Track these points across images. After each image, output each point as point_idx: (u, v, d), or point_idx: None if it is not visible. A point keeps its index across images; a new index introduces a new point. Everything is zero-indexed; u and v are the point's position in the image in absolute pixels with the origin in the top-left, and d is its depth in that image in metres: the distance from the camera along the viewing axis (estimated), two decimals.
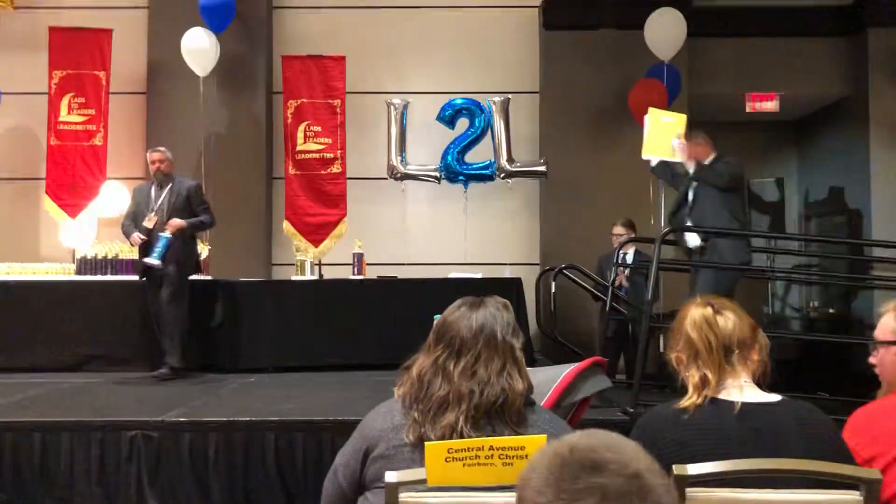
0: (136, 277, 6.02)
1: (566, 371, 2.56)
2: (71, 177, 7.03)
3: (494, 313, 1.85)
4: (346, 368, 6.03)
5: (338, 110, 7.34)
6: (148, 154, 5.98)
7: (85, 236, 7.05)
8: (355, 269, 6.68)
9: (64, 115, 7.10)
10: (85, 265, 6.49)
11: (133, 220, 5.79)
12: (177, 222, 5.57)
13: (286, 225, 7.28)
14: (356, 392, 5.12)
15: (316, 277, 6.75)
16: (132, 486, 3.86)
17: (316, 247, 7.20)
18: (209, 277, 6.56)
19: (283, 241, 7.52)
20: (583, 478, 0.85)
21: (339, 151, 7.30)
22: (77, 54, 7.14)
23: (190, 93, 7.27)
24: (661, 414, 1.88)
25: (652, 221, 6.94)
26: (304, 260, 6.80)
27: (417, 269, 7.25)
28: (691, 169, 5.09)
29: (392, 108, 7.32)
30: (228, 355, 6.21)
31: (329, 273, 6.92)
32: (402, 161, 7.34)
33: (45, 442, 3.89)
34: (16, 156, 7.66)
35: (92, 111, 7.13)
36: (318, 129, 7.28)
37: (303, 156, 7.28)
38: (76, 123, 7.11)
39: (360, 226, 7.27)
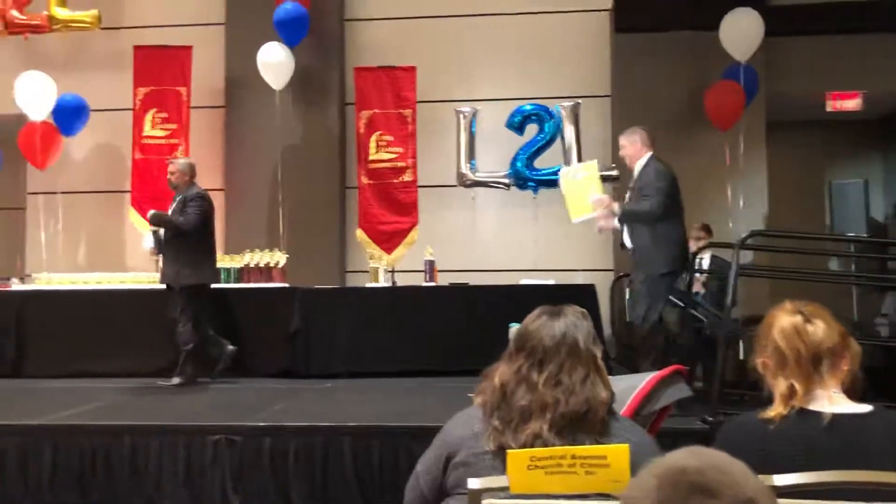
0: (219, 285, 6.30)
1: (646, 379, 2.54)
2: (155, 189, 7.29)
3: (575, 322, 1.86)
4: (418, 374, 6.09)
5: (409, 120, 7.43)
6: None
7: None
8: (427, 276, 6.73)
9: (148, 129, 7.39)
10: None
11: None
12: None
13: (359, 233, 7.40)
14: (430, 398, 5.17)
15: (389, 284, 6.84)
16: (216, 489, 3.99)
17: (388, 254, 7.29)
18: (286, 284, 6.71)
19: (357, 248, 7.64)
20: (695, 501, 0.85)
21: (410, 160, 7.39)
22: (159, 71, 7.43)
23: (266, 105, 7.47)
24: (745, 424, 1.85)
25: (730, 225, 6.80)
26: (377, 267, 6.89)
27: (488, 276, 7.26)
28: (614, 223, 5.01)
29: (461, 116, 7.37)
30: (304, 361, 6.33)
31: (402, 280, 7.00)
32: (471, 168, 7.38)
33: (134, 444, 4.05)
34: (103, 170, 8.00)
35: (174, 126, 7.40)
36: (390, 138, 7.39)
37: (375, 165, 7.39)
38: (159, 138, 7.39)
39: (431, 233, 7.34)
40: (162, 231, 5.88)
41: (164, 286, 5.98)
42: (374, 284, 6.81)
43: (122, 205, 7.74)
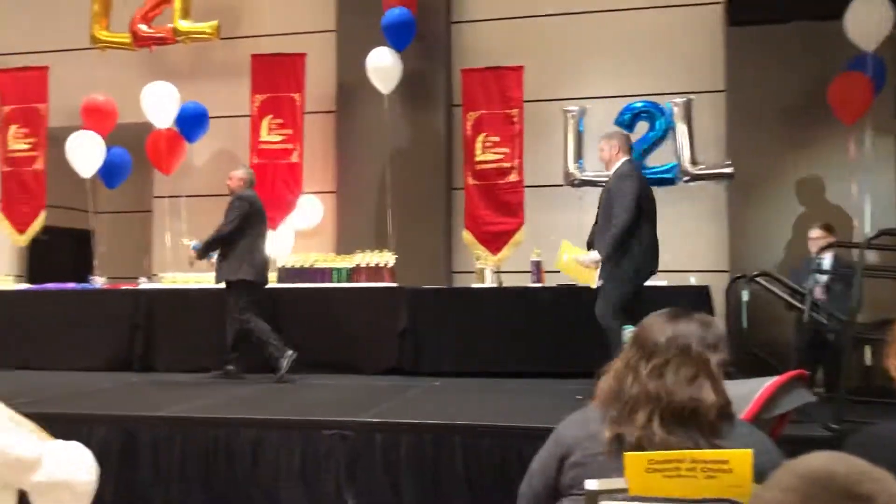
0: (330, 284, 6.65)
1: (766, 384, 2.46)
2: (271, 192, 7.58)
3: (693, 327, 1.85)
4: (526, 376, 6.08)
5: (515, 120, 7.43)
6: None
7: (285, 247, 7.59)
8: (534, 277, 6.72)
9: (264, 135, 7.69)
10: (285, 273, 6.98)
11: None
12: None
13: (466, 234, 7.46)
14: (539, 399, 5.15)
15: (496, 285, 6.86)
16: (330, 482, 4.10)
17: (495, 255, 7.31)
18: (394, 284, 6.84)
19: (464, 249, 7.70)
20: None
21: (516, 160, 7.38)
22: (275, 78, 7.72)
23: (375, 109, 7.63)
24: (884, 434, 1.76)
25: (855, 224, 6.46)
26: (483, 268, 6.93)
27: None
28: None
29: (569, 115, 7.31)
30: (413, 359, 6.44)
31: (508, 281, 7.00)
32: (579, 167, 7.31)
33: (255, 438, 4.22)
34: (223, 174, 8.33)
35: (289, 131, 7.67)
36: (496, 139, 7.40)
37: (481, 166, 7.43)
38: (275, 143, 7.68)
39: (537, 233, 7.31)
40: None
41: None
42: (480, 285, 6.85)
43: None
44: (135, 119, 7.99)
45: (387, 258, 6.95)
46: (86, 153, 7.62)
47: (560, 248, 5.44)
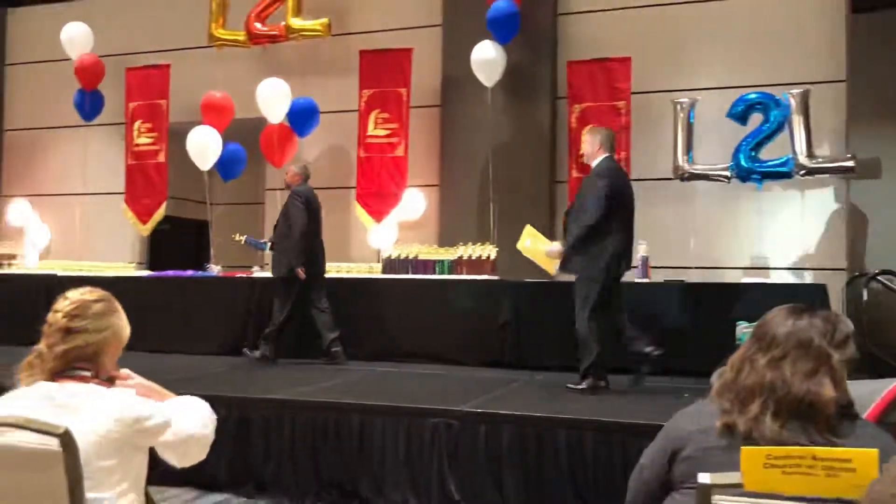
0: (433, 276, 6.78)
1: (890, 386, 2.35)
2: (377, 186, 7.75)
3: (817, 323, 1.81)
4: (631, 371, 5.98)
5: (622, 112, 7.30)
6: None
7: (389, 239, 7.74)
8: (641, 272, 6.59)
9: (371, 129, 7.85)
10: (389, 264, 7.12)
11: None
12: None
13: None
14: (645, 396, 5.07)
15: None
16: (434, 470, 4.18)
17: None
18: (496, 277, 6.86)
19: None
20: None
21: (622, 153, 7.25)
22: (382, 74, 7.87)
23: (479, 103, 7.66)
24: None
25: None
26: None
27: (705, 273, 6.97)
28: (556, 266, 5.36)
29: (678, 106, 7.13)
30: (515, 352, 6.44)
31: None
32: (688, 160, 7.12)
33: (362, 423, 4.34)
34: (331, 167, 8.60)
35: (394, 125, 7.81)
36: None
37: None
38: (381, 137, 7.83)
39: (644, 228, 7.13)
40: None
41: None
42: None
43: (348, 200, 8.28)
44: (249, 114, 8.30)
45: (489, 251, 6.98)
46: (204, 147, 7.99)
47: (524, 232, 5.58)
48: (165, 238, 9.64)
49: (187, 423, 2.16)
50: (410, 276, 7.02)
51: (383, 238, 7.81)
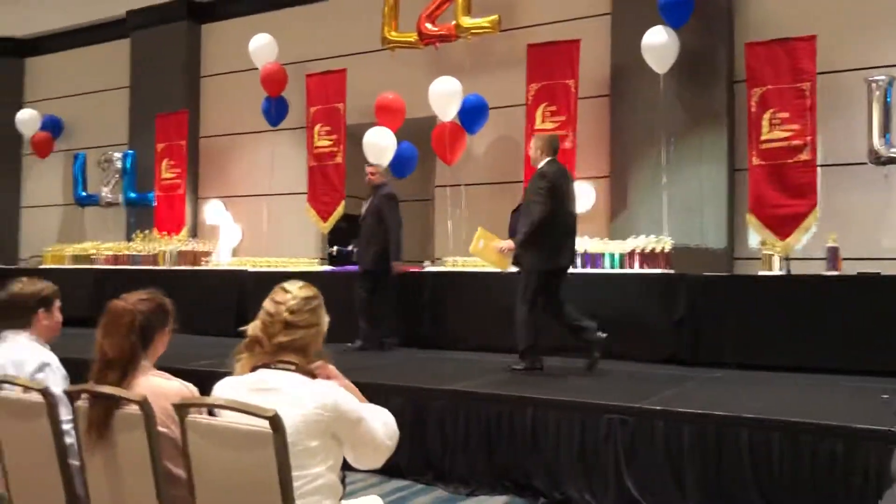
0: (603, 270, 6.75)
1: None
2: None
3: None
4: (817, 371, 5.63)
5: (806, 93, 6.84)
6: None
7: None
8: (829, 264, 6.17)
9: (539, 123, 7.84)
10: None
11: None
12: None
13: (750, 217, 7.03)
14: (835, 396, 4.77)
15: (784, 273, 6.41)
16: (610, 466, 4.14)
17: (783, 240, 6.80)
18: (671, 271, 6.66)
19: (747, 234, 7.28)
20: None
21: (808, 137, 6.80)
22: (550, 66, 7.83)
23: (650, 90, 7.47)
24: None
25: None
26: (770, 254, 6.50)
27: None
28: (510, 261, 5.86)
29: (873, 85, 6.59)
30: (691, 349, 6.23)
31: (798, 268, 6.51)
32: (885, 143, 6.57)
33: (535, 417, 4.37)
34: (499, 163, 8.68)
35: (562, 117, 7.76)
36: (785, 115, 6.87)
37: (768, 145, 6.95)
38: (549, 130, 7.76)
39: (832, 217, 6.70)
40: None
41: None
42: (767, 272, 6.44)
43: (516, 194, 8.31)
44: (420, 114, 8.56)
45: (663, 243, 6.79)
46: (379, 147, 8.31)
47: (476, 235, 5.94)
48: (345, 235, 10.12)
49: (376, 428, 2.28)
50: (580, 270, 6.95)
51: None
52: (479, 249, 5.98)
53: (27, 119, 11.75)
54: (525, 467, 4.38)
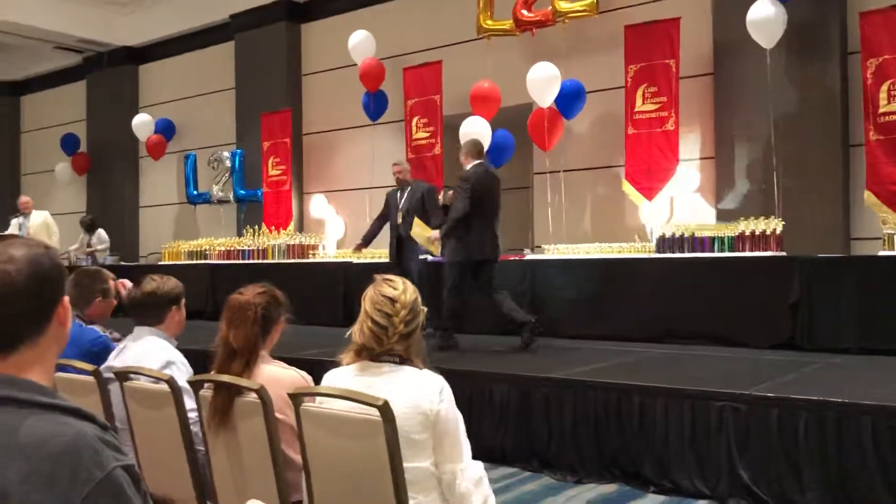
0: (711, 254, 6.55)
1: None
2: (646, 162, 7.57)
3: None
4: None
5: None
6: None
7: (662, 216, 7.54)
8: None
9: (639, 105, 7.68)
10: (663, 243, 6.94)
11: (379, 220, 7.67)
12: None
13: (868, 195, 6.67)
14: None
15: None
16: (722, 455, 4.03)
17: None
18: (783, 253, 6.41)
19: (864, 213, 6.92)
20: None
21: None
22: (648, 47, 7.65)
23: (756, 67, 7.18)
24: None
25: None
26: (892, 233, 6.15)
27: None
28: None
29: None
30: (807, 334, 5.98)
31: None
32: None
33: (643, 404, 4.31)
34: (598, 147, 8.55)
35: (663, 98, 7.56)
36: None
37: (886, 118, 6.57)
38: (650, 112, 7.63)
39: None
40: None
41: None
42: (887, 253, 6.10)
43: (616, 179, 8.19)
44: (516, 101, 8.52)
45: (774, 225, 6.54)
46: (475, 137, 8.31)
47: (415, 221, 6.77)
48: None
49: (466, 441, 2.28)
50: (687, 254, 6.79)
51: (655, 216, 7.62)
52: (417, 234, 6.78)
53: (142, 123, 12.39)
54: (633, 455, 4.32)
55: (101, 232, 11.64)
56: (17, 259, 1.38)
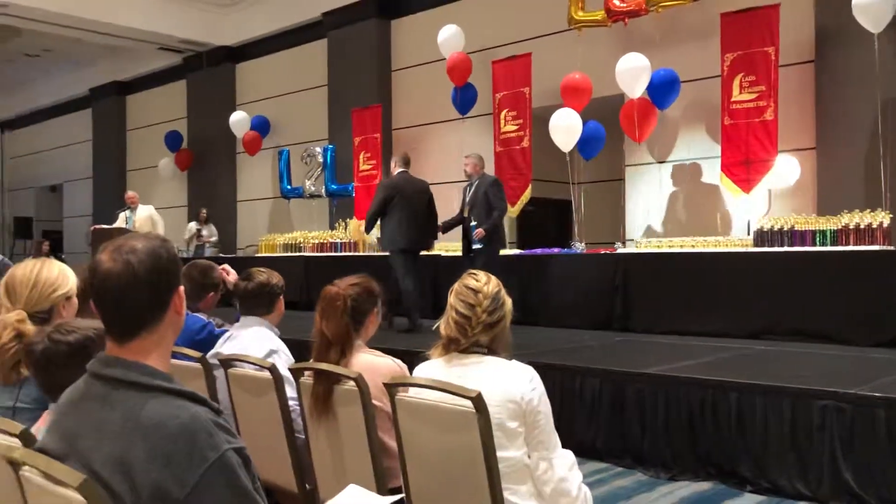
0: (812, 248, 6.29)
1: None
2: (744, 153, 7.33)
3: None
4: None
5: None
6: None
7: (760, 209, 7.30)
8: None
9: (736, 94, 7.44)
10: (761, 237, 6.72)
11: (460, 212, 7.72)
12: (479, 232, 7.09)
13: None
14: None
15: None
16: (825, 456, 3.89)
17: None
18: (891, 247, 6.12)
19: None
20: None
21: None
22: (746, 35, 7.39)
23: (862, 53, 6.85)
24: None
25: None
26: None
27: None
28: None
29: None
30: None
31: None
32: None
33: (740, 402, 4.20)
34: (693, 138, 8.35)
35: (762, 87, 7.30)
36: None
37: None
38: (747, 101, 7.38)
39: None
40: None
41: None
42: None
43: (712, 170, 7.97)
44: (607, 92, 8.40)
45: (880, 217, 6.25)
46: (565, 129, 8.27)
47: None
48: (533, 218, 10.19)
49: (554, 431, 2.28)
50: (786, 248, 6.56)
51: (753, 209, 7.38)
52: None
53: (239, 120, 12.82)
54: (729, 453, 4.22)
55: (211, 226, 12.70)
56: (138, 251, 1.47)
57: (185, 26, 13.23)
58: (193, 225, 12.90)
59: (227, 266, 3.89)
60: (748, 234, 7.08)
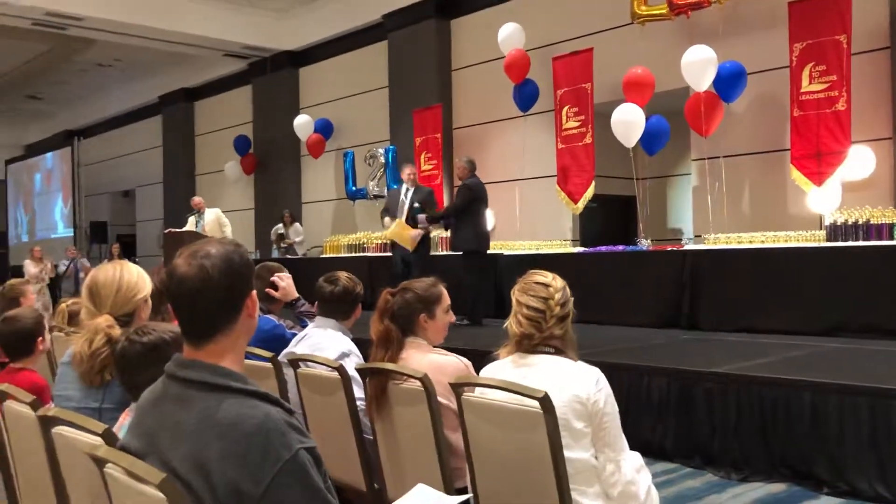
0: (890, 242, 5.99)
1: None
2: (815, 145, 7.11)
3: None
4: None
5: None
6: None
7: (832, 203, 7.07)
8: None
9: (805, 85, 7.22)
10: (834, 231, 6.51)
11: None
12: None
13: None
14: None
15: None
16: None
17: None
18: None
19: None
20: None
21: None
22: (816, 23, 7.16)
23: None
24: None
25: None
26: None
27: None
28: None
29: None
30: None
31: None
32: None
33: (814, 401, 4.08)
34: (761, 131, 8.13)
35: (833, 77, 7.07)
36: None
37: None
38: (818, 92, 7.15)
39: None
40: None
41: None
42: None
43: (781, 163, 7.76)
44: (671, 86, 8.26)
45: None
46: (628, 125, 8.15)
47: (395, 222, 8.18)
48: (596, 215, 10.08)
49: (621, 434, 2.27)
50: (861, 242, 6.35)
51: (825, 202, 7.15)
52: (397, 233, 8.14)
53: (303, 124, 13.03)
54: (804, 454, 4.10)
55: (297, 226, 12.96)
56: (213, 255, 1.51)
57: (248, 32, 13.51)
58: (279, 227, 13.03)
59: (282, 275, 3.83)
60: (820, 228, 6.86)
